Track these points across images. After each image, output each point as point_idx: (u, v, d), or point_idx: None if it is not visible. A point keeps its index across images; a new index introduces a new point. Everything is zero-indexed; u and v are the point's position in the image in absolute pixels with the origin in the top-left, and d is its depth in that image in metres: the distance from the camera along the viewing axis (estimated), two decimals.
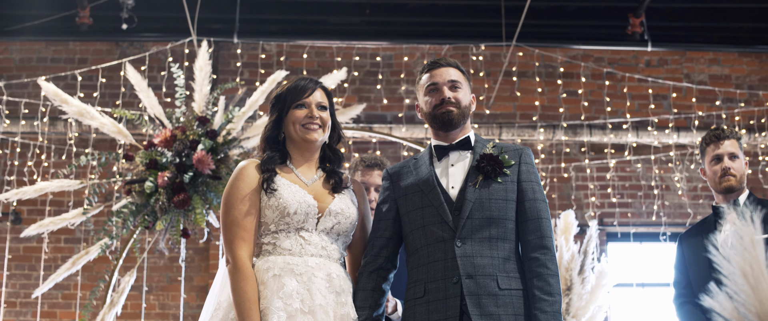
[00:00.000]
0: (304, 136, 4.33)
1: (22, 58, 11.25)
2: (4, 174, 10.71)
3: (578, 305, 7.68)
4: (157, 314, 10.78)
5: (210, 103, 7.62)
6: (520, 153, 4.36)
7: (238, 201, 4.20)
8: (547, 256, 4.16)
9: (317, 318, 4.05)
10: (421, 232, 4.26)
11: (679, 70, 11.51)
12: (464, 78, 4.45)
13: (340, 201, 4.32)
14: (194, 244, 10.64)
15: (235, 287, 4.06)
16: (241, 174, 4.26)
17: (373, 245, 4.38)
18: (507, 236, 4.20)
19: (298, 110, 4.34)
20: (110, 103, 10.52)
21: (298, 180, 4.31)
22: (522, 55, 11.18)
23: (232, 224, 4.18)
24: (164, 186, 7.20)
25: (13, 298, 10.71)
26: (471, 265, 4.11)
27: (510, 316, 4.07)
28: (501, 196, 4.22)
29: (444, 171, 4.34)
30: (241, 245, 4.14)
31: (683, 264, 5.69)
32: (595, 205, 11.00)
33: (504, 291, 4.09)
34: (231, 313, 4.10)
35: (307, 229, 4.21)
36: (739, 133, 5.67)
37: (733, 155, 5.58)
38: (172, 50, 10.57)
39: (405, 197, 4.35)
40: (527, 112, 11.26)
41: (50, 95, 7.65)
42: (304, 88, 4.37)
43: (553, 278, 4.12)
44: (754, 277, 2.11)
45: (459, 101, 4.36)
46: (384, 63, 11.22)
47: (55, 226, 7.64)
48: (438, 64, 4.45)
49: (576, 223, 8.17)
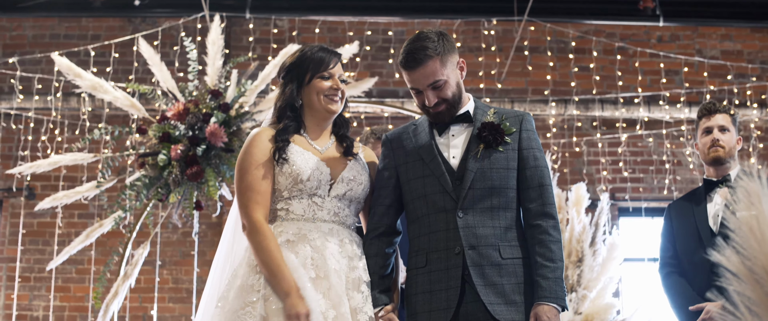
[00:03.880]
0: (327, 106, 4.33)
1: (35, 35, 11.29)
2: (18, 149, 10.76)
3: (589, 277, 7.70)
4: (171, 288, 10.84)
5: (222, 77, 7.64)
6: (521, 119, 4.30)
7: (252, 167, 4.21)
8: (549, 223, 4.15)
9: (331, 282, 4.08)
10: (422, 201, 4.24)
11: (691, 46, 11.50)
12: (445, 62, 4.21)
13: (353, 168, 4.34)
14: (207, 218, 10.69)
15: (259, 248, 4.08)
16: (256, 141, 4.27)
17: (375, 212, 4.37)
18: (508, 205, 4.18)
19: (324, 81, 4.34)
20: (123, 79, 10.55)
21: (311, 147, 4.33)
22: (533, 30, 11.17)
23: (247, 189, 4.19)
24: (177, 159, 7.24)
25: (27, 272, 10.77)
26: (473, 236, 4.10)
27: (513, 284, 4.07)
28: (502, 165, 4.18)
29: (445, 140, 4.29)
30: (257, 209, 4.16)
31: (671, 234, 5.70)
32: (606, 180, 11.01)
33: (506, 260, 4.10)
34: (250, 278, 4.11)
35: (320, 196, 4.23)
36: (732, 109, 5.70)
37: (723, 128, 5.60)
38: (185, 26, 10.59)
39: (405, 165, 4.32)
40: (539, 87, 11.26)
41: (64, 69, 7.68)
42: (329, 60, 4.37)
43: (555, 245, 4.11)
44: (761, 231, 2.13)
45: (446, 98, 4.22)
46: (396, 38, 11.23)
47: (69, 200, 7.68)
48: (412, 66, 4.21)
49: (587, 196, 8.19)
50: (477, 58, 11.05)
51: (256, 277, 4.10)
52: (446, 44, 4.24)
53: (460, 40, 11.18)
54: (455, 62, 4.29)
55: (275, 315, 3.99)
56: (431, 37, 4.21)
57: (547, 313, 4.00)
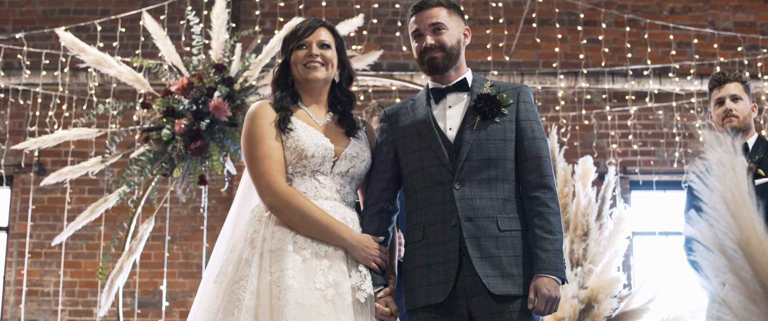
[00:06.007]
0: (305, 75, 4.31)
1: (44, 10, 11.30)
2: (27, 125, 10.78)
3: (595, 251, 7.66)
4: (181, 263, 10.87)
5: (227, 50, 7.63)
6: (519, 91, 4.29)
7: (263, 135, 4.18)
8: (547, 194, 4.12)
9: (331, 261, 4.08)
10: (419, 174, 4.23)
11: (703, 17, 11.41)
12: (451, 15, 4.33)
13: (356, 145, 4.32)
14: (217, 193, 10.70)
15: (298, 211, 4.08)
16: (259, 111, 4.26)
17: (374, 188, 4.36)
18: (506, 177, 4.16)
19: (300, 50, 4.32)
20: (132, 54, 10.54)
21: (311, 120, 4.31)
22: (543, 2, 11.10)
23: (263, 158, 4.16)
24: (181, 133, 7.24)
25: (38, 248, 10.82)
26: (470, 208, 4.09)
27: (510, 257, 4.05)
28: (499, 136, 4.16)
29: (441, 113, 4.29)
30: (278, 176, 4.14)
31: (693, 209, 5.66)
32: (617, 153, 10.96)
33: (504, 232, 4.08)
34: (245, 252, 4.09)
35: (322, 172, 4.22)
36: (744, 77, 5.64)
37: (736, 97, 5.57)
38: (193, 0, 10.57)
39: (403, 139, 4.31)
40: (548, 59, 11.21)
41: (68, 44, 7.68)
42: (305, 28, 4.36)
43: (553, 217, 4.09)
44: (735, 204, 2.10)
45: (443, 44, 4.26)
46: (404, 11, 11.17)
47: (75, 175, 7.69)
48: (420, 8, 4.33)
49: (594, 170, 8.14)
50: (486, 30, 10.99)
51: (251, 252, 4.09)
52: (456, 6, 4.37)
53: (469, 13, 11.13)
54: (461, 24, 4.37)
55: (268, 289, 3.98)
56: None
57: (547, 285, 3.98)
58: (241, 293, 4.00)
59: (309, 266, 4.03)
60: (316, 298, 3.97)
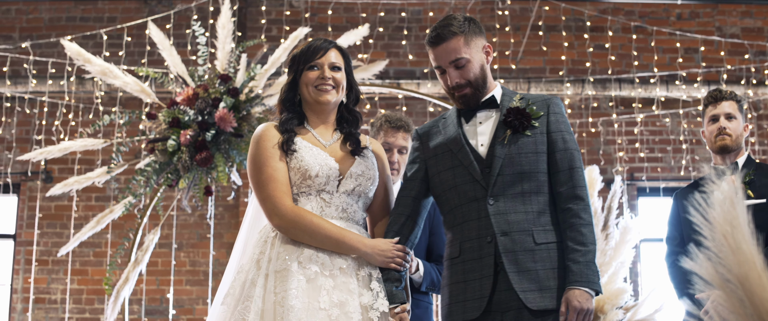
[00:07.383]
0: (316, 97, 4.32)
1: (51, 18, 11.30)
2: (32, 133, 10.79)
3: (601, 261, 7.62)
4: (188, 271, 10.87)
5: (233, 60, 7.62)
6: (548, 103, 4.28)
7: (268, 158, 4.20)
8: (579, 205, 4.12)
9: (337, 280, 4.08)
10: (453, 192, 4.25)
11: (710, 23, 11.39)
12: (470, 41, 4.26)
13: (361, 163, 4.32)
14: (224, 201, 10.71)
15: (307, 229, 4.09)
16: (264, 134, 4.27)
17: (399, 203, 4.39)
18: (540, 189, 4.17)
19: (311, 71, 4.32)
20: (139, 62, 10.55)
21: (317, 141, 4.32)
22: (549, 8, 11.09)
23: (268, 181, 4.18)
24: (186, 144, 7.24)
25: (45, 256, 10.82)
26: (505, 222, 4.10)
27: (547, 270, 4.07)
28: (531, 150, 4.17)
29: (472, 129, 4.29)
30: (285, 198, 4.15)
31: (678, 220, 5.70)
32: (624, 160, 10.94)
33: (540, 245, 4.09)
34: (251, 273, 4.10)
35: (328, 191, 4.22)
36: (739, 96, 5.67)
37: (730, 116, 5.60)
38: (199, 8, 10.57)
39: (435, 157, 4.34)
40: (555, 66, 11.19)
41: (73, 55, 7.69)
42: (316, 49, 4.35)
43: (586, 228, 4.10)
44: (734, 238, 2.09)
45: (469, 80, 4.25)
46: (411, 18, 11.17)
47: (81, 185, 7.70)
48: (436, 43, 4.28)
49: (600, 179, 8.10)
50: (493, 37, 10.98)
51: (256, 273, 4.10)
52: (472, 26, 4.30)
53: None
54: (481, 46, 4.33)
55: (272, 309, 3.98)
56: (457, 18, 4.29)
57: (579, 297, 3.99)
58: (247, 314, 4.00)
59: (313, 286, 4.02)
60: (320, 318, 3.96)
